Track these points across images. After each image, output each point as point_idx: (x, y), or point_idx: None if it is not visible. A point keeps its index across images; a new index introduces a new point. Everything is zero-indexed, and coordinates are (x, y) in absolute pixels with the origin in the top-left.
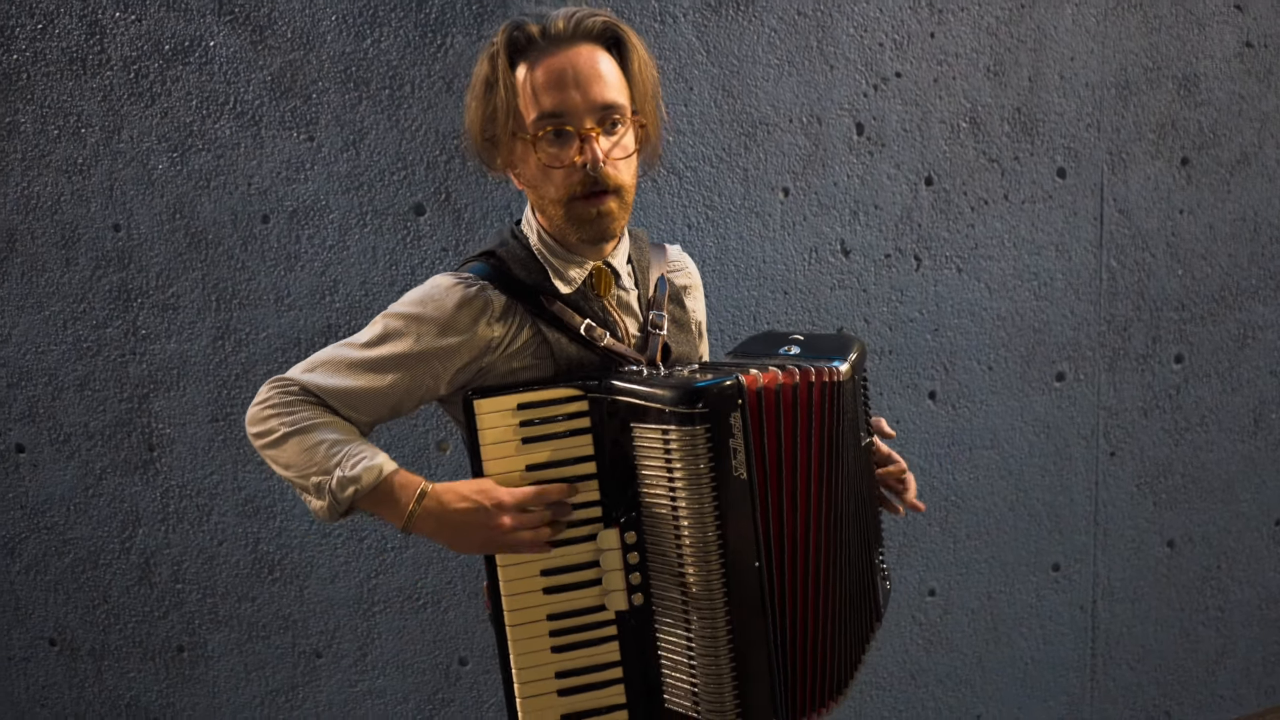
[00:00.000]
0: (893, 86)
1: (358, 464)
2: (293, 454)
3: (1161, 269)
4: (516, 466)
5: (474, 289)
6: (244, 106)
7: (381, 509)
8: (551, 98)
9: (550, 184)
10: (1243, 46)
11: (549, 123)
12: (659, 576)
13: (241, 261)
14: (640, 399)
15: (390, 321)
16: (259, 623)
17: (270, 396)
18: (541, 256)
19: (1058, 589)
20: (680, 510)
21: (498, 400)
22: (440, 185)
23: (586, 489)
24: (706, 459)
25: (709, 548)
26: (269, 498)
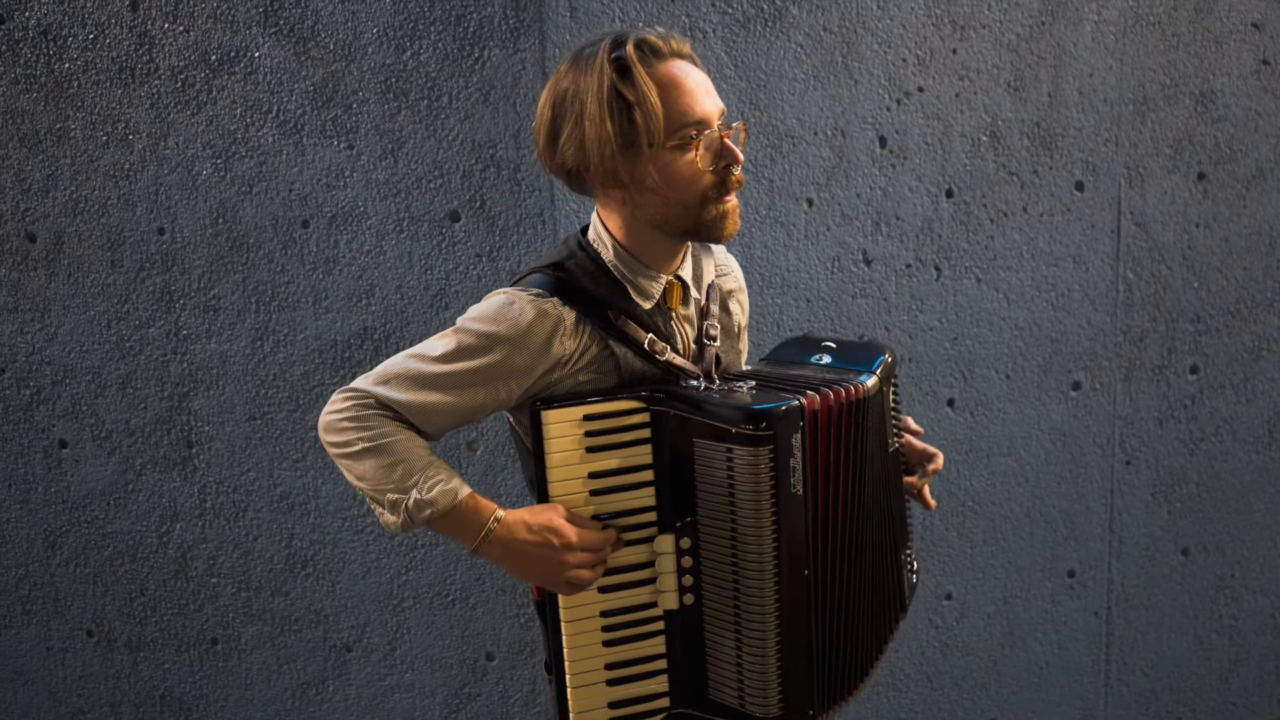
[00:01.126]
0: (915, 101)
1: (434, 487)
2: (369, 469)
3: (1177, 281)
4: (580, 474)
5: (547, 305)
6: (286, 115)
7: (453, 531)
8: (693, 105)
9: (689, 188)
10: (1260, 64)
11: (694, 129)
12: (712, 580)
13: (281, 265)
14: (706, 417)
15: (464, 338)
16: (291, 617)
17: (346, 409)
18: (618, 272)
19: (1073, 595)
20: (739, 523)
21: (565, 411)
22: (475, 193)
23: (644, 495)
24: (769, 478)
25: (764, 559)
26: (303, 495)
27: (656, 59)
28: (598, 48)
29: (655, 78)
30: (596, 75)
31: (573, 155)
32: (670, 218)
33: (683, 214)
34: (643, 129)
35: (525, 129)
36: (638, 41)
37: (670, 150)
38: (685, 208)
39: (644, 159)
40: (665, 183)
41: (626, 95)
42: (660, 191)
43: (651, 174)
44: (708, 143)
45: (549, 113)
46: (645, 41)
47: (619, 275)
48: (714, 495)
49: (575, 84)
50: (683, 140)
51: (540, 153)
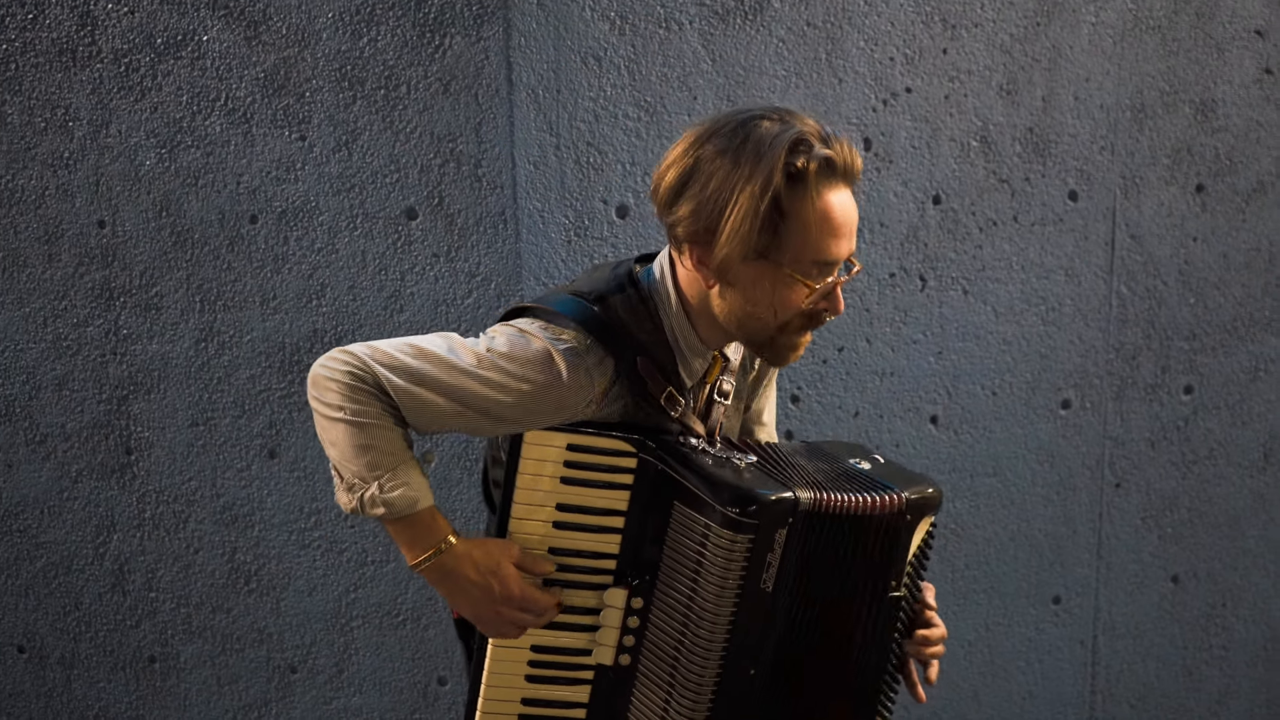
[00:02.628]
0: (902, 102)
1: (397, 488)
2: (342, 439)
3: (1173, 297)
4: (548, 502)
5: (581, 370)
6: (235, 103)
7: (400, 538)
8: (835, 247)
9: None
10: (1262, 73)
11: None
12: (653, 649)
13: (228, 262)
14: (692, 484)
15: (488, 373)
16: (233, 635)
17: (342, 374)
18: (672, 336)
19: (1058, 622)
20: (697, 602)
21: (549, 435)
22: (433, 189)
23: (609, 541)
24: (740, 567)
25: (713, 646)
26: (247, 506)
27: (829, 178)
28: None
29: (819, 203)
30: (765, 170)
31: (690, 225)
32: (745, 325)
33: (758, 329)
34: (782, 248)
35: (487, 122)
36: (823, 161)
37: (787, 276)
38: (763, 325)
39: (766, 271)
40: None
41: (785, 208)
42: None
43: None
44: (824, 286)
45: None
46: (827, 161)
47: (673, 343)
48: (679, 565)
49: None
50: (806, 275)
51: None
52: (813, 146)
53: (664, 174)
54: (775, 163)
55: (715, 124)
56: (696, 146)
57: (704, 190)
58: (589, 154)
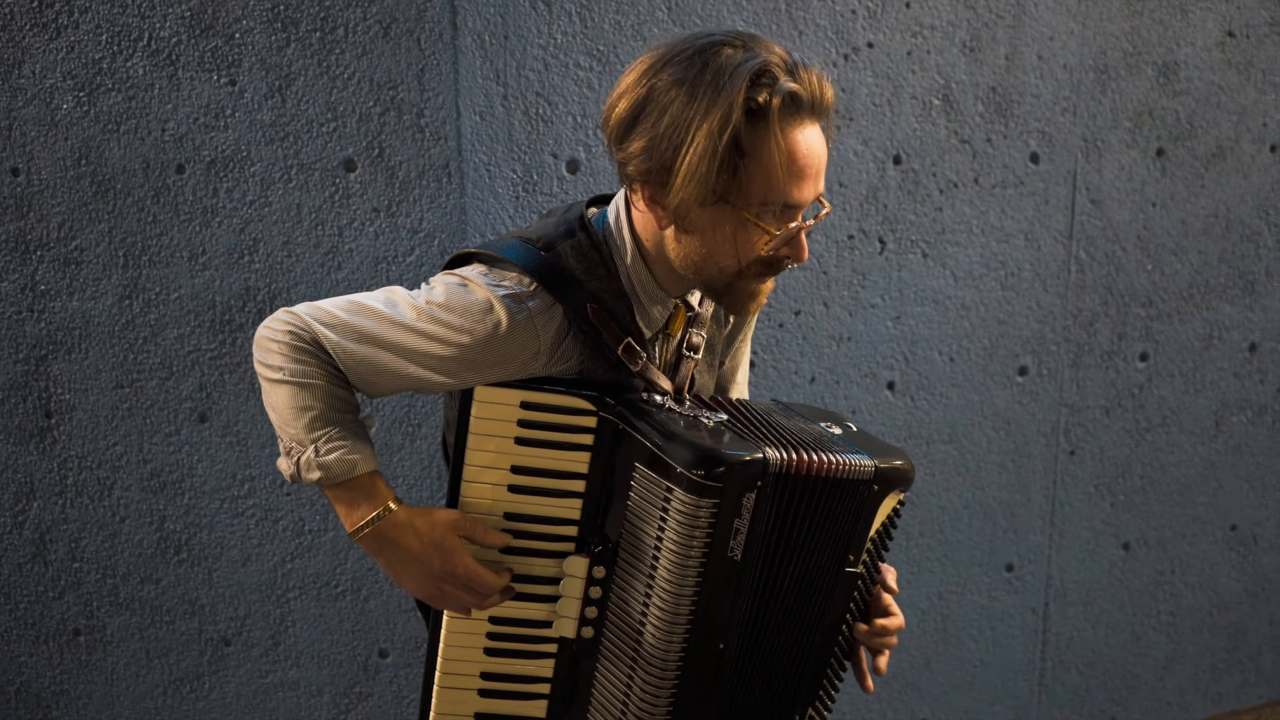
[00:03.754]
0: (864, 57)
1: (334, 451)
2: (282, 401)
3: (1131, 263)
4: (501, 464)
5: (522, 317)
6: (159, 44)
7: (339, 504)
8: (800, 189)
9: (736, 260)
10: (1225, 35)
11: (785, 213)
12: (616, 622)
13: (153, 214)
14: (653, 444)
15: (427, 326)
16: (163, 607)
17: (282, 333)
18: (628, 284)
19: (1010, 590)
20: (660, 573)
21: (502, 392)
22: (373, 139)
23: (569, 506)
24: (704, 535)
25: (677, 620)
26: (177, 472)
27: (794, 117)
28: (737, 66)
29: (782, 143)
30: (723, 106)
31: (642, 163)
32: (702, 270)
33: (715, 275)
34: (741, 191)
35: (430, 68)
36: (786, 94)
37: (745, 219)
38: (721, 271)
39: (724, 215)
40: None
41: (745, 147)
42: (710, 244)
43: (720, 231)
44: (787, 232)
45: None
46: (791, 95)
47: (629, 290)
48: (641, 532)
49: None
50: (764, 220)
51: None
52: (777, 79)
53: (615, 104)
54: (735, 97)
55: (672, 49)
56: (651, 74)
57: (658, 125)
58: (538, 105)
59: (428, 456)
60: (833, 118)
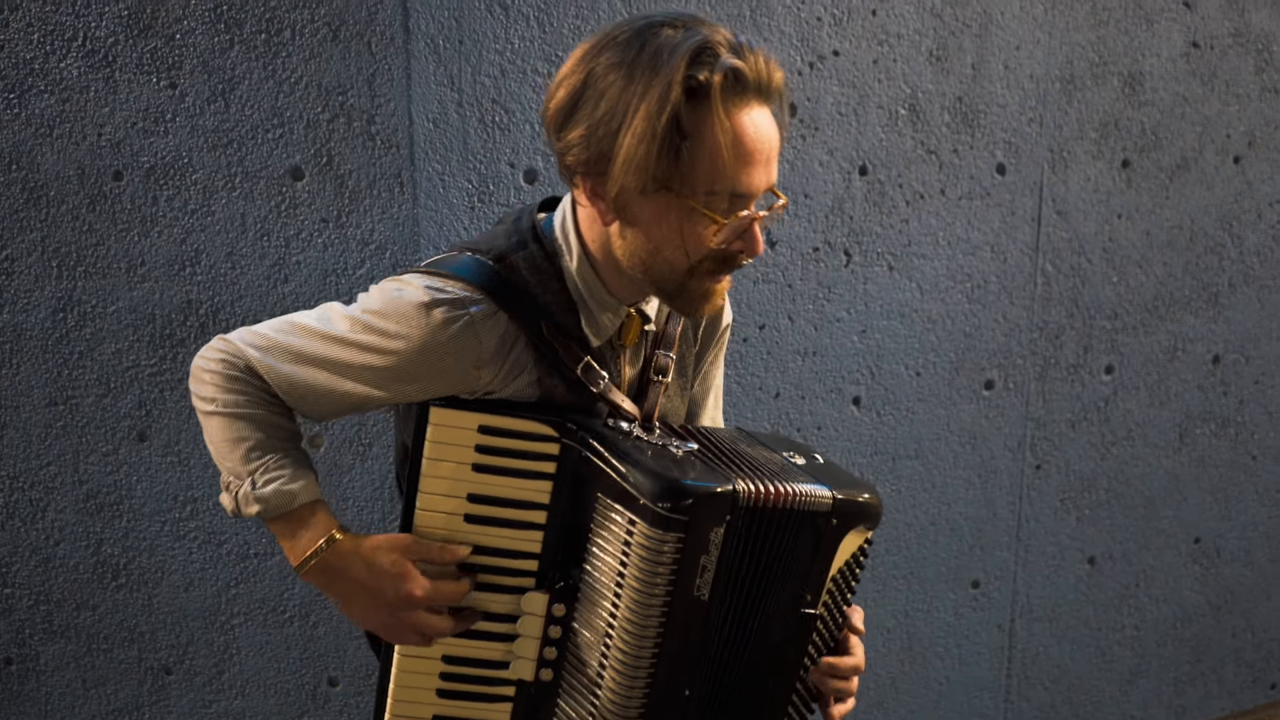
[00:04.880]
0: (829, 66)
1: (271, 482)
2: (217, 434)
3: (1097, 276)
4: (458, 492)
5: (461, 322)
6: (95, 44)
7: (282, 538)
8: (748, 175)
9: (685, 256)
10: (1189, 46)
11: (734, 202)
12: (575, 665)
13: (89, 223)
14: (617, 474)
15: (361, 336)
16: (100, 634)
17: (216, 361)
18: (575, 291)
19: (976, 607)
20: (621, 611)
21: (459, 415)
22: (322, 147)
23: (529, 539)
24: (668, 572)
25: (639, 664)
26: (114, 493)
27: (739, 96)
28: (676, 45)
29: (727, 126)
30: (662, 85)
31: (582, 153)
32: (651, 269)
33: (666, 273)
34: (688, 177)
35: (381, 73)
36: (728, 72)
37: (693, 209)
38: (672, 268)
39: (668, 204)
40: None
41: (686, 129)
42: (657, 240)
43: (666, 222)
44: (736, 224)
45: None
46: (735, 73)
47: (577, 296)
48: (604, 567)
49: (629, 74)
50: (713, 209)
51: (546, 115)
52: (719, 56)
53: (554, 93)
54: (674, 75)
55: (611, 33)
56: (589, 59)
57: (595, 110)
58: (494, 112)
59: (379, 477)
60: (784, 104)
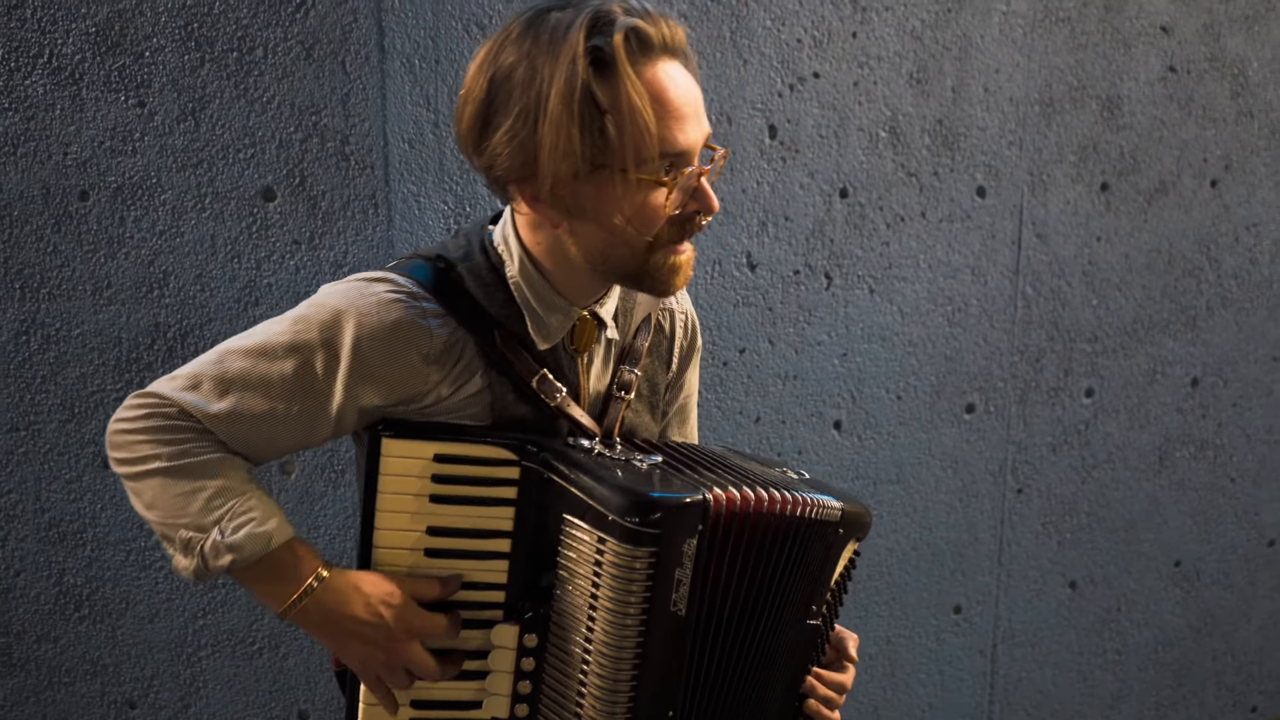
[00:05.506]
0: (810, 88)
1: (242, 527)
2: (160, 495)
3: (1077, 298)
4: (416, 526)
5: (413, 312)
6: (62, 61)
7: (260, 586)
8: (679, 131)
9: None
10: (1166, 70)
11: (672, 162)
12: (552, 697)
13: (53, 244)
14: (582, 490)
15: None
16: (61, 667)
17: (137, 416)
18: (520, 295)
19: (958, 633)
20: (596, 634)
21: (413, 445)
22: (294, 167)
23: (495, 570)
24: (642, 588)
25: (619, 688)
26: (78, 522)
27: (645, 56)
28: (570, 21)
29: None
30: (566, 64)
31: (509, 158)
32: (611, 258)
33: (627, 256)
34: (619, 150)
35: (356, 93)
36: (628, 31)
37: (636, 182)
38: (632, 250)
39: (610, 186)
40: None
41: (602, 101)
42: (609, 226)
43: (611, 202)
44: (684, 182)
45: (483, 90)
46: (637, 33)
47: (521, 301)
48: (575, 591)
49: (531, 64)
50: (656, 174)
51: (460, 135)
52: (615, 19)
53: (461, 112)
54: (576, 50)
55: (501, 35)
56: (488, 66)
57: (509, 112)
58: None
59: (352, 505)
60: (694, 61)
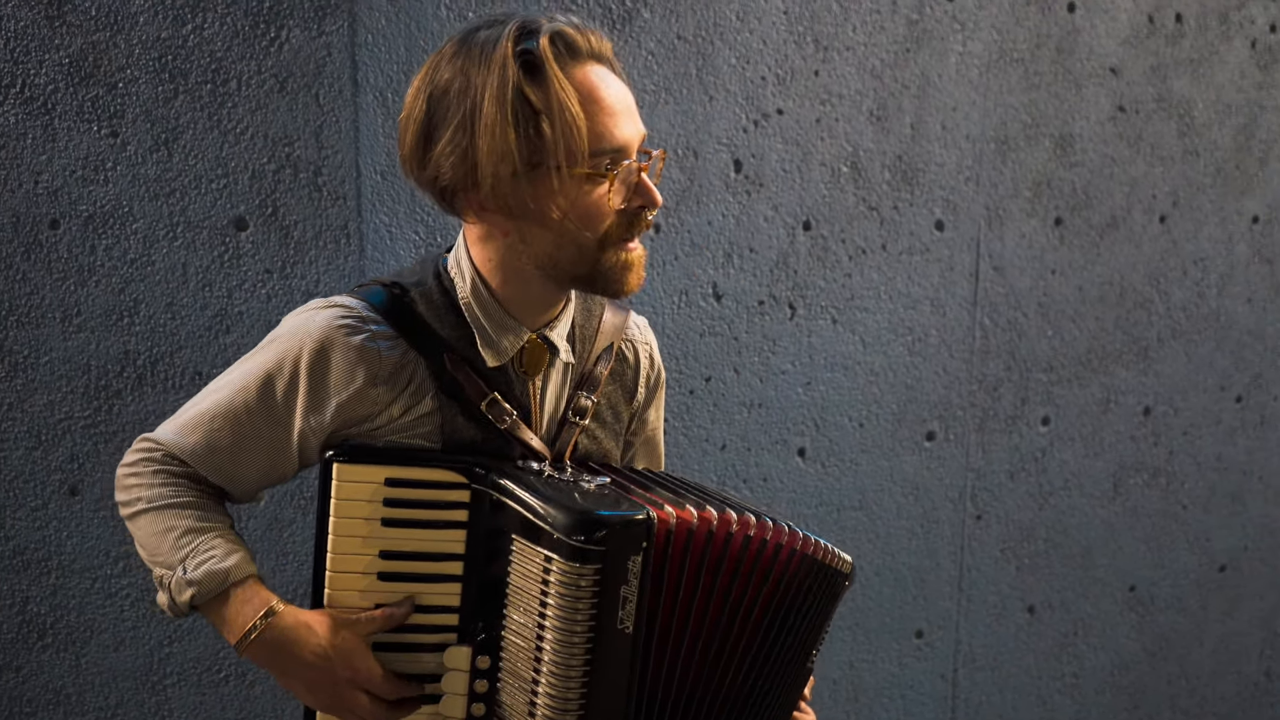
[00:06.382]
0: (774, 124)
1: (203, 564)
2: (146, 534)
3: (1033, 329)
4: (369, 550)
5: (362, 335)
6: (34, 91)
7: (218, 621)
8: (614, 127)
9: (590, 227)
10: (1116, 110)
11: (610, 157)
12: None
13: (23, 272)
14: (528, 511)
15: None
16: (23, 696)
17: (134, 460)
18: (470, 314)
19: (920, 657)
20: (545, 653)
21: (363, 469)
22: (267, 197)
23: (448, 592)
24: (589, 605)
25: (569, 705)
26: (43, 549)
27: (573, 59)
28: (498, 33)
29: (575, 83)
30: (497, 70)
31: (452, 169)
32: (561, 260)
33: (577, 257)
34: (553, 147)
35: (329, 125)
36: (553, 35)
37: (576, 179)
38: (581, 250)
39: (548, 183)
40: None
41: (534, 101)
42: (556, 226)
43: (558, 203)
44: (624, 176)
45: (422, 109)
46: (561, 35)
47: (471, 319)
48: (525, 611)
49: (465, 77)
50: (595, 169)
51: (404, 157)
52: (540, 26)
53: (404, 133)
54: (505, 56)
55: (436, 56)
56: (425, 87)
57: (448, 125)
58: None
59: None
60: (622, 71)
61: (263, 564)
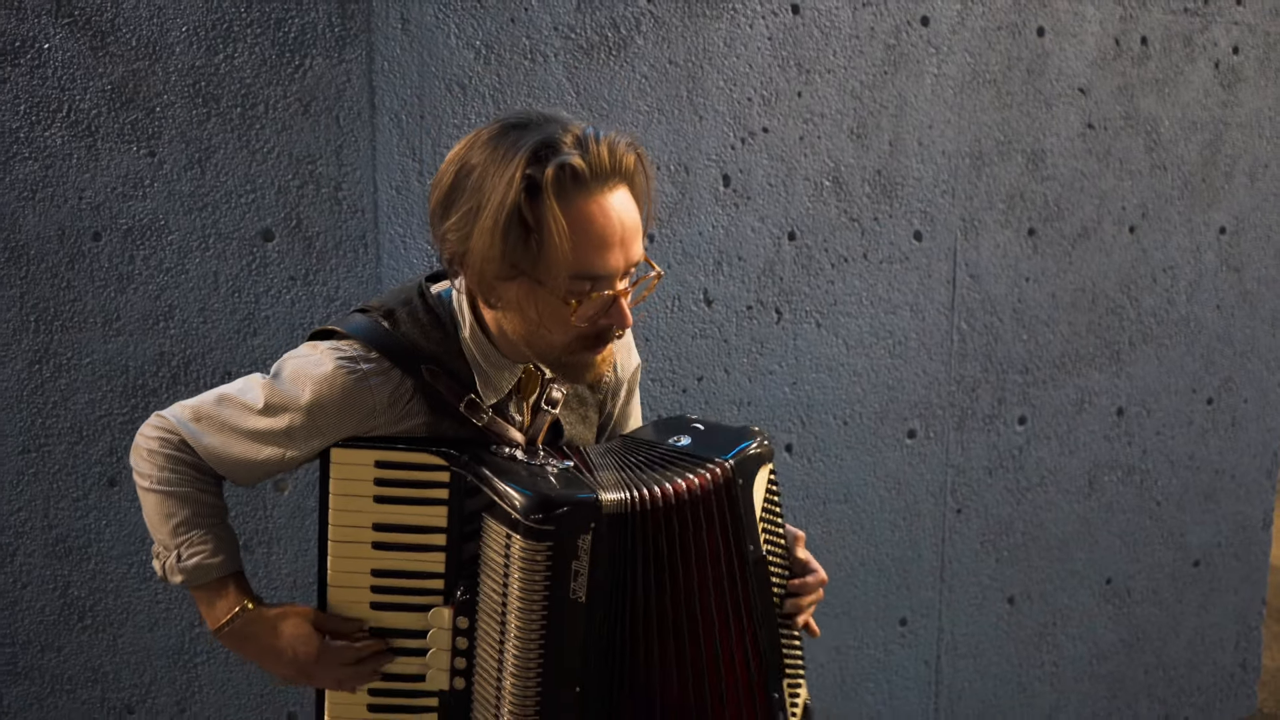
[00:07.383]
0: (760, 141)
1: (194, 556)
2: (151, 510)
3: (1008, 333)
4: (364, 523)
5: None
6: (79, 115)
7: (201, 605)
8: (599, 260)
9: (560, 334)
10: (1085, 127)
11: (588, 284)
12: (482, 670)
13: (67, 280)
14: (495, 494)
15: (272, 394)
16: (64, 675)
17: (153, 437)
18: (469, 354)
19: (904, 644)
20: (509, 618)
21: (357, 453)
22: (291, 211)
23: (433, 560)
24: (544, 578)
25: (529, 667)
26: (83, 537)
27: (577, 189)
28: (519, 146)
29: (569, 215)
30: (504, 183)
31: (453, 245)
32: (534, 344)
33: (545, 348)
34: (534, 263)
35: (348, 145)
36: (561, 166)
37: (550, 293)
38: (549, 344)
39: (526, 290)
40: (534, 317)
41: (528, 220)
42: (530, 322)
43: (529, 304)
44: (599, 301)
45: (449, 181)
46: (569, 168)
47: (471, 361)
48: (493, 580)
49: (485, 171)
50: (571, 289)
51: (430, 210)
52: (559, 151)
53: (434, 189)
54: (515, 173)
55: (477, 134)
56: (462, 157)
57: (464, 206)
58: None
59: None
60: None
61: (286, 549)
